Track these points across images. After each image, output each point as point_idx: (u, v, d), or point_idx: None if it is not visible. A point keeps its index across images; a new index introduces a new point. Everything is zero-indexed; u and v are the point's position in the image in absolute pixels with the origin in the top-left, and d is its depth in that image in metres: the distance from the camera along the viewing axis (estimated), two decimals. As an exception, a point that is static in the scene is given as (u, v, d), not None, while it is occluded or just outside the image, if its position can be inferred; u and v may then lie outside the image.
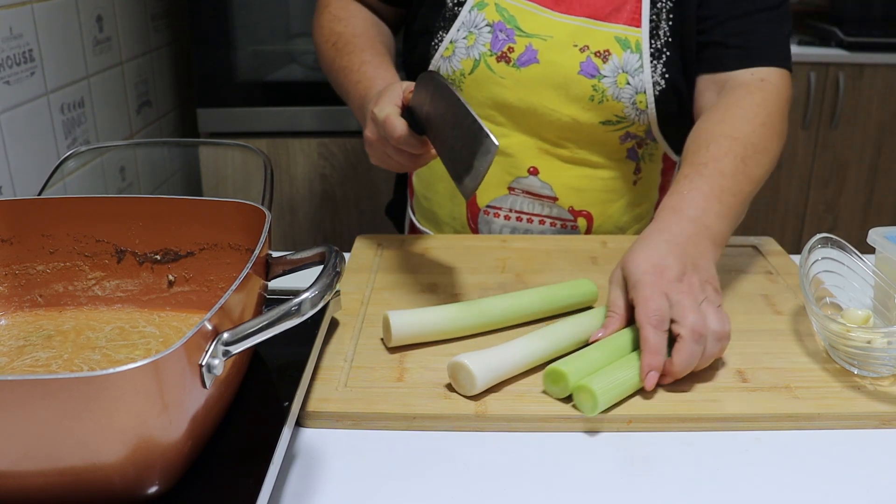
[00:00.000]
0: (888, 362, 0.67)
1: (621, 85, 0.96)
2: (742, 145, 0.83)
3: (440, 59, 1.01)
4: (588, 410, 0.62)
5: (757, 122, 0.87)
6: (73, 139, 1.49)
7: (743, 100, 0.89)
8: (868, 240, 0.82)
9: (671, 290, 0.69)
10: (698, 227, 0.75)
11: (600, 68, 0.96)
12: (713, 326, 0.67)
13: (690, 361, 0.66)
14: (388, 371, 0.69)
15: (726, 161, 0.81)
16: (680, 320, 0.67)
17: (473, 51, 0.98)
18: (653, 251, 0.72)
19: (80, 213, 0.67)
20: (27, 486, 0.46)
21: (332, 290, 0.52)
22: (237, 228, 0.65)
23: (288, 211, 2.00)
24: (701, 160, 0.82)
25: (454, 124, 0.73)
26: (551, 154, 1.01)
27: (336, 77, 1.02)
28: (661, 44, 0.96)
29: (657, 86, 0.97)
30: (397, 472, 0.58)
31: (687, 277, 0.70)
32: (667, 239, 0.73)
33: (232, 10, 1.87)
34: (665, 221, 0.76)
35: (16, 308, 0.68)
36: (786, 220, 2.36)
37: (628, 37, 0.96)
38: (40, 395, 0.42)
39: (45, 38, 1.37)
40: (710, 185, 0.79)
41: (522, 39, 0.97)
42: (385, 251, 0.95)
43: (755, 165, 0.83)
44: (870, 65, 2.20)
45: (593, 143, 1.01)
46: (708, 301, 0.69)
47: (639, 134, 1.01)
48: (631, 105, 0.97)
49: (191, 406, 0.48)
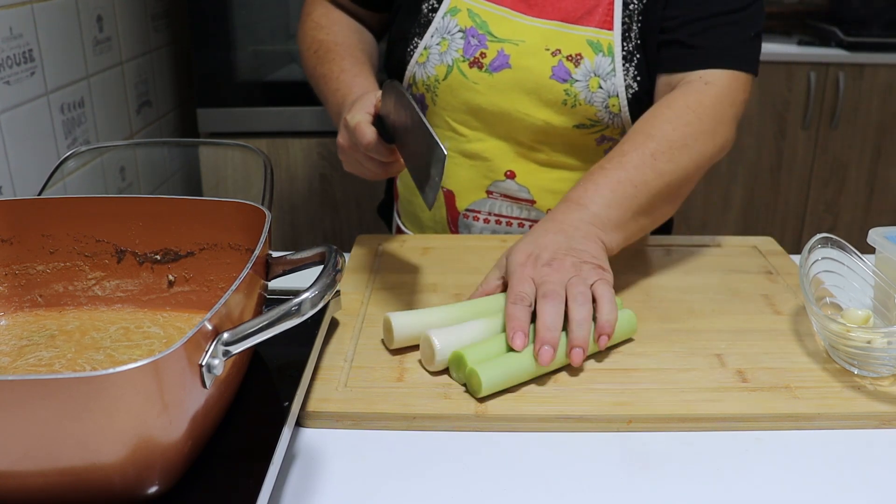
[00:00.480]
0: (888, 362, 0.67)
1: (593, 89, 0.96)
2: (656, 142, 0.85)
3: (415, 66, 1.01)
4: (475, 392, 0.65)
5: (680, 122, 0.87)
6: (73, 139, 1.49)
7: (676, 101, 0.90)
8: (868, 240, 0.82)
9: (538, 274, 0.73)
10: (584, 213, 0.80)
11: (572, 72, 0.96)
12: (574, 289, 0.70)
13: (551, 320, 0.68)
14: (388, 371, 0.69)
15: (632, 155, 0.84)
16: (538, 290, 0.71)
17: (447, 57, 0.98)
18: (531, 242, 0.77)
19: (80, 213, 0.67)
20: (27, 486, 0.46)
21: (332, 290, 0.52)
22: (237, 228, 0.65)
23: (288, 211, 2.00)
24: (610, 155, 0.86)
25: (414, 134, 0.74)
26: (528, 158, 1.01)
27: (316, 84, 1.03)
28: (633, 46, 0.96)
29: (630, 89, 0.96)
30: (397, 472, 0.58)
31: (558, 261, 0.74)
32: (548, 227, 0.79)
33: (232, 10, 1.87)
34: (556, 211, 0.82)
35: (16, 308, 0.68)
36: (786, 220, 2.36)
37: (600, 40, 0.96)
38: (40, 395, 0.42)
39: (45, 38, 1.37)
40: (608, 176, 0.83)
41: (494, 45, 0.97)
42: (385, 251, 0.95)
43: (667, 161, 0.84)
44: (870, 65, 2.20)
45: (569, 146, 1.01)
46: (579, 276, 0.72)
47: (615, 136, 1.01)
48: (604, 109, 0.97)
49: (191, 406, 0.48)
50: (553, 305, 0.69)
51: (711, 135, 0.88)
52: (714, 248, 0.97)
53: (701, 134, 0.87)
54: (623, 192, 0.81)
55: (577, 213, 0.80)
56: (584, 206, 0.80)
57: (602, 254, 0.77)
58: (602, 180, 0.82)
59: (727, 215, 2.33)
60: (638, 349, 0.73)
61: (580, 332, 0.68)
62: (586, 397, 0.65)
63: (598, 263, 0.75)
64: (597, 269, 0.74)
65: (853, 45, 2.21)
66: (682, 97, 0.90)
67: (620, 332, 0.72)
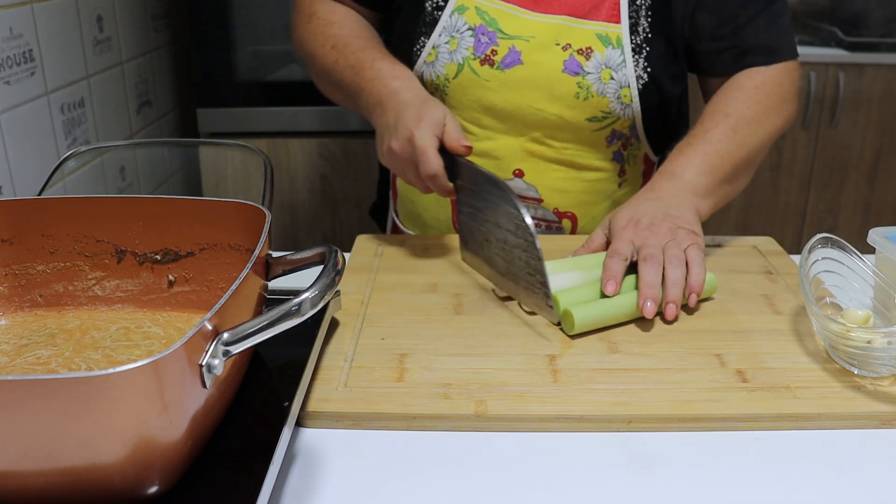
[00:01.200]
0: (888, 362, 0.67)
1: (605, 80, 0.97)
2: (734, 118, 0.94)
3: (423, 65, 1.00)
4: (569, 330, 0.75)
5: (752, 102, 0.96)
6: (73, 139, 1.49)
7: (743, 84, 0.98)
8: (868, 240, 0.82)
9: (638, 237, 0.82)
10: (678, 182, 0.89)
11: (584, 65, 0.97)
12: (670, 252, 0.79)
13: (652, 279, 0.77)
14: (388, 371, 0.69)
15: (715, 131, 0.93)
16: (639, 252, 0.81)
17: (457, 55, 0.98)
18: (632, 208, 0.87)
19: (80, 213, 0.67)
20: (27, 486, 0.46)
21: (332, 290, 0.52)
22: (237, 228, 0.65)
23: (288, 211, 2.00)
24: (694, 132, 0.95)
25: (509, 252, 0.79)
26: (537, 155, 1.02)
27: (342, 77, 0.98)
28: (641, 39, 0.97)
29: (640, 80, 0.98)
30: (397, 472, 0.58)
31: (656, 226, 0.83)
32: (647, 196, 0.88)
33: (232, 10, 1.87)
34: (652, 182, 0.91)
35: (16, 308, 0.68)
36: (786, 220, 2.36)
37: (609, 33, 0.97)
38: (40, 395, 0.42)
39: (45, 38, 1.37)
40: (695, 149, 0.92)
41: (505, 41, 0.97)
42: (385, 251, 0.95)
43: (746, 135, 0.94)
44: (870, 65, 2.20)
45: (580, 142, 1.01)
46: (675, 241, 0.81)
47: (624, 132, 1.02)
48: (616, 100, 0.98)
49: (191, 406, 0.48)
50: (653, 266, 0.78)
51: (778, 110, 0.98)
52: (714, 247, 0.97)
53: (771, 109, 0.97)
54: (711, 163, 0.91)
55: (672, 182, 0.89)
56: (677, 175, 0.90)
57: (695, 219, 0.87)
58: (691, 152, 0.92)
59: (727, 215, 2.33)
60: (638, 349, 0.73)
61: (674, 290, 0.77)
62: (586, 397, 0.65)
63: (691, 229, 0.84)
64: (690, 234, 0.83)
65: (853, 45, 2.21)
66: (749, 80, 0.99)
67: (704, 290, 0.81)
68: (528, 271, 0.76)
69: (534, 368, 0.70)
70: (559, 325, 0.77)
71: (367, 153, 1.95)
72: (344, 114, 1.94)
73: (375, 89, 0.92)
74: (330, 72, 1.00)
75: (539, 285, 0.75)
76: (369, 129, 1.94)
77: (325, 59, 1.01)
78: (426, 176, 0.84)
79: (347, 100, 1.00)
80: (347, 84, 0.97)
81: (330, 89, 1.04)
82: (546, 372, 0.69)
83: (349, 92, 0.98)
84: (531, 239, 0.75)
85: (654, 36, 0.98)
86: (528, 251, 0.75)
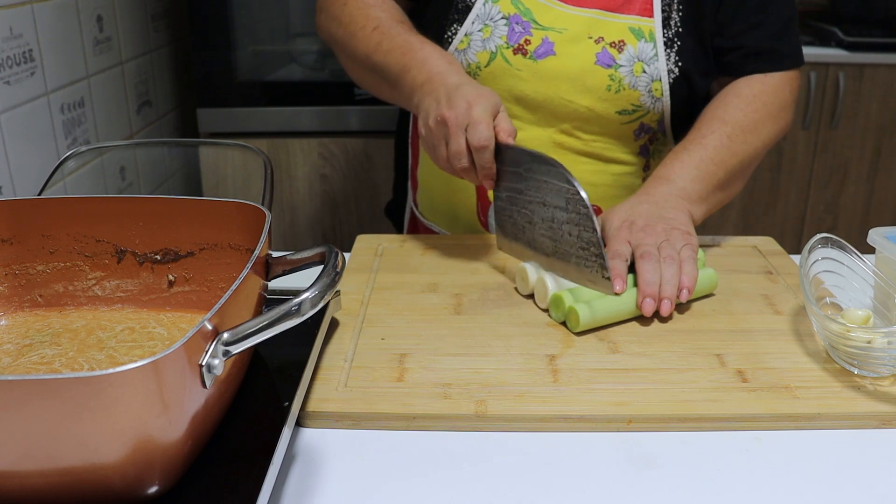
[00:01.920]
0: (888, 362, 0.67)
1: (637, 73, 0.97)
2: (730, 126, 0.95)
3: (455, 52, 1.00)
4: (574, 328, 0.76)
5: (750, 109, 0.97)
6: (73, 139, 1.49)
7: (742, 90, 0.99)
8: (868, 240, 0.82)
9: (634, 238, 0.83)
10: (672, 187, 0.90)
11: (616, 58, 0.97)
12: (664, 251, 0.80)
13: (650, 276, 0.78)
14: (388, 371, 0.69)
15: (711, 138, 0.94)
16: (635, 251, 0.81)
17: (489, 43, 0.98)
18: (625, 210, 0.88)
19: (80, 213, 0.67)
20: (26, 487, 0.46)
21: (332, 290, 0.52)
22: (237, 228, 0.65)
23: (288, 211, 2.00)
24: (690, 137, 0.96)
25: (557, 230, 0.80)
26: (565, 147, 1.02)
27: (384, 58, 0.94)
28: (673, 33, 0.98)
29: (671, 73, 0.99)
30: (397, 472, 0.58)
31: (650, 227, 0.84)
32: (641, 199, 0.89)
33: (232, 10, 1.87)
34: (647, 186, 0.92)
35: (16, 308, 0.68)
36: (786, 220, 2.36)
37: (641, 27, 0.97)
38: (40, 395, 0.42)
39: (45, 38, 1.37)
40: (691, 155, 0.93)
41: (539, 32, 0.98)
42: (385, 251, 0.95)
43: (741, 143, 0.95)
44: (870, 65, 2.20)
45: (608, 135, 1.01)
46: (668, 241, 0.82)
47: (652, 126, 1.02)
48: (647, 93, 0.98)
49: (191, 406, 0.48)
50: (651, 264, 0.79)
51: (775, 118, 0.99)
52: (714, 248, 0.97)
53: (767, 118, 0.98)
54: (706, 170, 0.92)
55: (666, 187, 0.90)
56: (672, 181, 0.91)
57: (689, 222, 0.87)
58: (687, 159, 0.93)
59: (727, 215, 2.33)
60: (638, 349, 0.73)
61: (669, 287, 0.78)
62: (586, 397, 0.65)
63: (685, 230, 0.85)
64: (684, 235, 0.83)
65: (853, 45, 2.21)
66: (748, 87, 0.99)
67: (702, 286, 0.82)
68: (581, 245, 0.77)
69: (534, 368, 0.70)
70: (564, 324, 0.77)
71: (367, 153, 1.95)
72: (344, 114, 1.94)
73: (426, 67, 0.89)
74: (371, 53, 0.96)
75: (594, 258, 0.76)
76: (369, 129, 1.96)
77: (367, 41, 0.97)
78: (477, 146, 0.80)
79: (382, 83, 0.97)
80: (391, 65, 0.93)
81: (362, 72, 1.00)
82: (546, 372, 0.69)
83: (391, 72, 0.94)
84: (585, 211, 0.75)
85: (686, 30, 0.98)
86: (581, 224, 0.76)
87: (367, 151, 1.95)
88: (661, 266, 0.80)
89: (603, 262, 0.75)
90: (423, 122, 0.86)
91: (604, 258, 0.75)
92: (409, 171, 1.16)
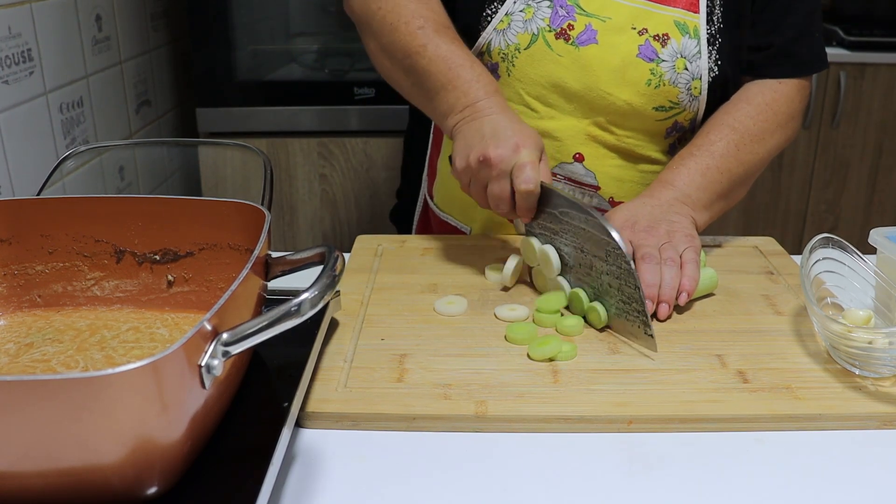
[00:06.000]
0: (889, 363, 0.67)
1: (679, 70, 0.96)
2: (739, 134, 0.94)
3: (493, 32, 0.97)
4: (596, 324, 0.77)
5: (760, 118, 0.96)
6: (72, 139, 1.49)
7: (754, 97, 0.98)
8: (869, 240, 0.81)
9: (636, 238, 0.83)
10: (678, 194, 0.90)
11: (659, 52, 0.95)
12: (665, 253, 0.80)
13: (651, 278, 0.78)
14: (388, 371, 0.69)
15: (719, 145, 0.93)
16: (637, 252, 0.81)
17: (531, 25, 0.96)
18: (628, 211, 0.88)
19: (79, 213, 0.67)
20: (26, 487, 0.46)
21: (332, 290, 0.52)
22: (237, 228, 0.65)
23: (288, 211, 2.00)
24: (698, 142, 0.95)
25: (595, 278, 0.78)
26: (598, 141, 1.00)
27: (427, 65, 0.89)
28: (715, 30, 0.97)
29: (711, 72, 0.97)
30: (397, 472, 0.58)
31: (653, 228, 0.84)
32: (646, 201, 0.89)
33: (232, 10, 1.86)
34: (651, 189, 0.92)
35: (14, 308, 0.68)
36: (787, 220, 2.36)
37: (687, 21, 0.96)
38: (39, 396, 0.42)
39: (43, 37, 1.37)
40: (698, 162, 0.92)
41: (582, 18, 0.96)
42: (385, 251, 0.95)
43: (748, 152, 0.95)
44: (871, 64, 2.20)
45: (642, 131, 1.00)
46: (670, 243, 0.82)
47: (684, 124, 1.01)
48: (686, 91, 0.97)
49: (190, 406, 0.48)
50: (651, 265, 0.79)
51: (783, 128, 0.98)
52: (715, 248, 0.97)
53: (776, 127, 0.97)
54: (711, 178, 0.92)
55: (671, 192, 0.90)
56: (677, 187, 0.90)
57: (691, 225, 0.87)
58: (693, 165, 0.92)
59: (728, 215, 2.32)
60: (638, 349, 0.73)
61: (668, 290, 0.78)
62: (586, 398, 0.65)
63: (688, 233, 0.85)
64: (687, 238, 0.84)
65: (854, 45, 2.21)
66: (760, 94, 0.98)
67: (703, 286, 0.82)
68: (622, 298, 0.74)
69: (534, 369, 0.69)
70: None
71: (367, 153, 1.95)
72: (344, 114, 1.93)
73: (472, 92, 0.86)
74: (412, 54, 0.90)
75: (636, 313, 0.73)
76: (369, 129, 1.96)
77: (410, 39, 0.91)
78: (525, 190, 0.79)
79: (415, 88, 0.93)
80: (433, 74, 0.89)
81: (395, 69, 0.94)
82: (546, 372, 0.69)
83: (430, 83, 0.89)
84: (627, 267, 0.73)
85: (726, 27, 0.97)
86: (622, 279, 0.74)
87: (367, 151, 1.95)
88: (662, 268, 0.79)
89: (646, 320, 0.72)
90: (462, 155, 0.83)
91: (647, 316, 0.72)
92: (428, 161, 1.13)
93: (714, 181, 0.92)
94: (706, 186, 0.91)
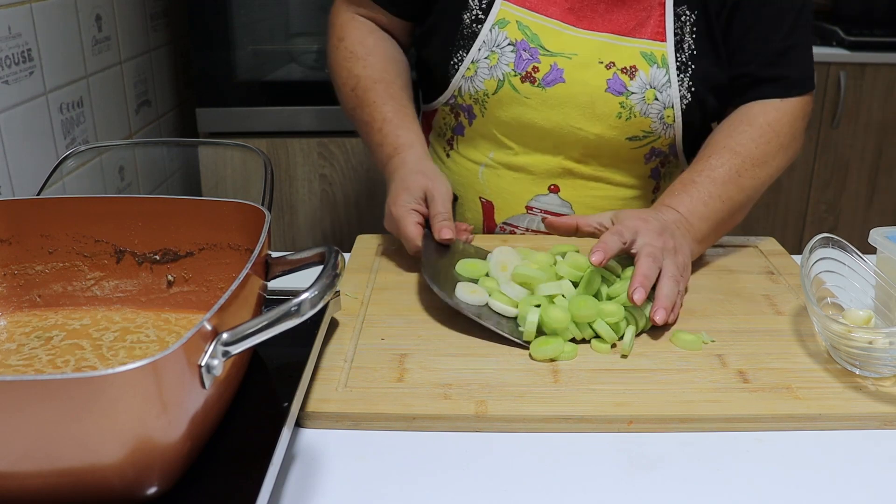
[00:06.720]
0: (889, 363, 0.67)
1: (649, 101, 0.95)
2: (741, 158, 0.92)
3: (461, 80, 0.99)
4: None
5: (762, 141, 0.93)
6: (71, 139, 1.49)
7: (756, 118, 0.95)
8: (869, 240, 0.81)
9: (644, 232, 0.81)
10: (682, 221, 0.87)
11: (627, 85, 0.95)
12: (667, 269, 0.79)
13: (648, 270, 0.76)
14: (388, 371, 0.69)
15: (721, 171, 0.91)
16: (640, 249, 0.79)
17: (497, 71, 0.96)
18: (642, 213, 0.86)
19: (79, 213, 0.67)
20: (26, 487, 0.46)
21: (332, 290, 0.52)
22: (237, 228, 0.65)
23: (288, 211, 2.00)
24: (700, 167, 0.92)
25: None
26: (574, 174, 1.00)
27: (358, 127, 1.03)
28: (686, 57, 0.96)
29: (684, 99, 0.96)
30: (397, 472, 0.58)
31: (663, 235, 0.82)
32: (656, 216, 0.86)
33: (232, 10, 1.86)
34: (653, 210, 0.89)
35: (14, 308, 0.68)
36: (787, 220, 2.36)
37: (654, 51, 0.95)
38: (39, 396, 0.42)
39: (43, 37, 1.37)
40: (700, 190, 0.90)
41: (547, 58, 0.95)
42: (385, 251, 0.95)
43: (750, 178, 0.92)
44: (871, 64, 2.20)
45: (618, 160, 1.00)
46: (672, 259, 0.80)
47: (663, 149, 1.01)
48: (658, 120, 0.97)
49: (190, 407, 0.48)
50: (653, 262, 0.78)
51: (786, 149, 0.96)
52: (715, 247, 0.97)
53: (779, 149, 0.94)
54: (713, 207, 0.89)
55: (675, 216, 0.88)
56: (683, 217, 0.88)
57: (689, 257, 0.85)
58: (696, 194, 0.89)
59: (727, 215, 2.33)
60: (638, 349, 0.73)
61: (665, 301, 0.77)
62: (586, 398, 0.65)
63: (685, 262, 0.83)
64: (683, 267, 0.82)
65: (854, 45, 2.21)
66: (763, 114, 0.95)
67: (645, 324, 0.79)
68: None
69: (534, 369, 0.69)
70: None
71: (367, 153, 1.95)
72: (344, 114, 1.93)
73: (383, 155, 0.97)
74: (349, 115, 1.04)
75: None
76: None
77: (345, 100, 1.04)
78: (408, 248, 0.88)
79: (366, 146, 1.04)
80: (362, 135, 1.02)
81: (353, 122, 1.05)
82: (546, 372, 0.69)
83: (364, 141, 1.03)
84: None
85: (700, 52, 0.96)
86: None
87: (366, 151, 1.94)
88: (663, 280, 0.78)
89: None
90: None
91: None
92: None
93: (716, 210, 0.89)
94: (708, 216, 0.89)
